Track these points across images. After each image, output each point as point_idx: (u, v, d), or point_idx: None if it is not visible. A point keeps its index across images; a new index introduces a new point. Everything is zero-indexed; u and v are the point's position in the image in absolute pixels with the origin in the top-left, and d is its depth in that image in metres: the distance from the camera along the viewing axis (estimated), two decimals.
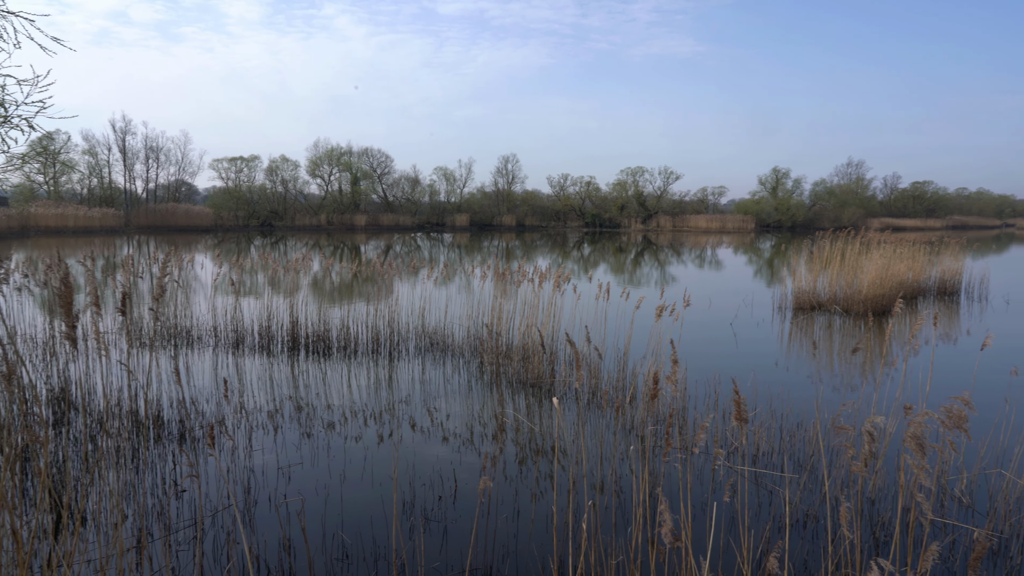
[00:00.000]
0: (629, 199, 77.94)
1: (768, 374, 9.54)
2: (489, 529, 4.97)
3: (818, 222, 71.98)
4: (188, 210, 62.46)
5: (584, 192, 79.28)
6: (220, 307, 12.49)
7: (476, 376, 9.37)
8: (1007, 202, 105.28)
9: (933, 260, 19.45)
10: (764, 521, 5.12)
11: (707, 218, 75.29)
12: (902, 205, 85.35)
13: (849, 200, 79.20)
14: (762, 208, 78.02)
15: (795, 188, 79.64)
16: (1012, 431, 6.53)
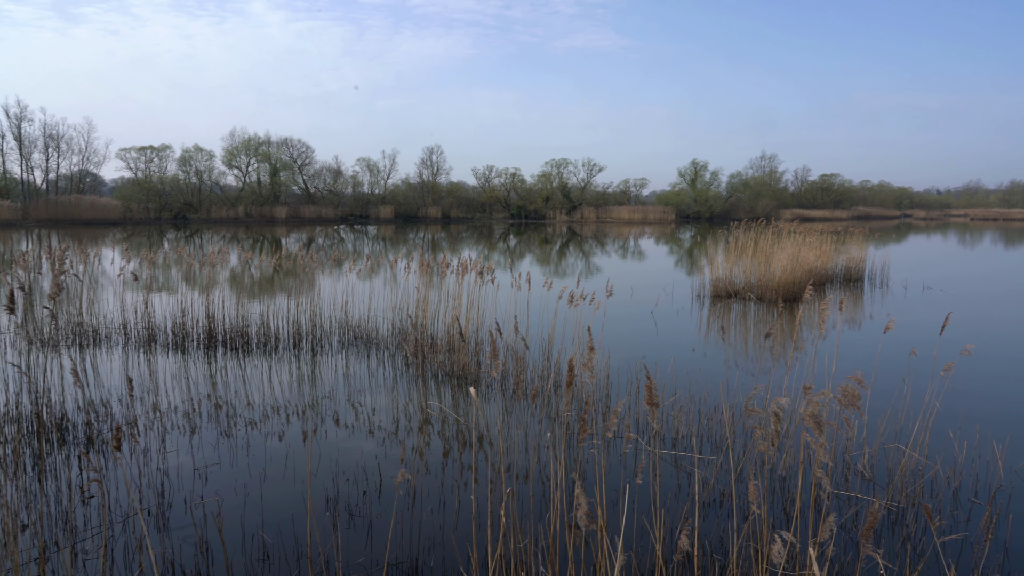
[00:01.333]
0: (554, 191, 78.70)
1: (687, 360, 9.85)
2: (414, 522, 4.95)
3: (734, 213, 74.70)
4: (94, 202, 59.09)
5: (509, 184, 79.53)
6: (130, 304, 11.92)
7: (401, 369, 9.30)
8: (905, 194, 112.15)
9: (839, 249, 20.50)
10: (684, 501, 5.30)
11: (629, 209, 76.90)
12: (812, 197, 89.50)
13: (763, 192, 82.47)
14: (682, 199, 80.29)
15: (713, 180, 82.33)
16: (909, 409, 6.97)
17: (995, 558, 4.58)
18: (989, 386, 8.88)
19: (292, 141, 72.73)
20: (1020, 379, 9.39)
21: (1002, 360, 10.43)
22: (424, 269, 10.89)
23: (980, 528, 4.97)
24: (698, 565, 4.40)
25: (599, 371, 8.72)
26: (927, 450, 6.22)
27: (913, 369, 8.81)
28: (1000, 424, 7.17)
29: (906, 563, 4.46)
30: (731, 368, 9.49)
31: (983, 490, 5.62)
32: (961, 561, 4.54)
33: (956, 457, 6.16)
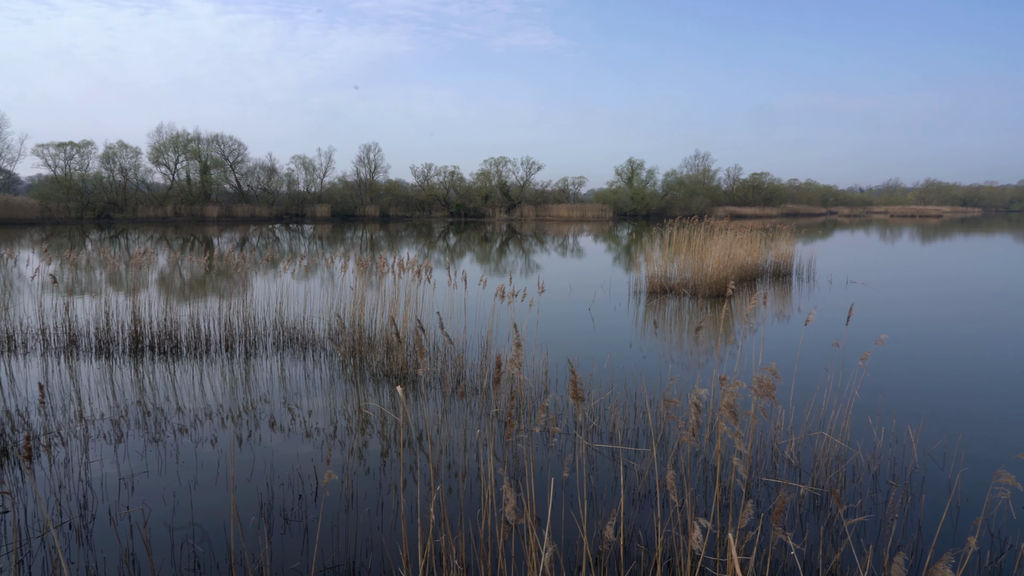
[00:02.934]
0: (493, 189, 78.77)
1: (624, 355, 10.02)
2: (350, 524, 4.90)
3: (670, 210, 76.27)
4: (8, 201, 55.96)
5: (448, 182, 79.18)
6: (49, 308, 11.36)
7: (339, 370, 9.16)
8: (831, 192, 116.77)
9: (769, 245, 21.20)
10: (619, 494, 5.40)
11: (568, 207, 77.64)
12: (743, 195, 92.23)
13: (697, 190, 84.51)
14: (619, 197, 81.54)
15: (649, 178, 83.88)
16: (831, 397, 7.28)
17: (910, 535, 4.83)
18: (905, 373, 9.35)
19: (223, 138, 70.59)
20: (933, 366, 9.92)
21: (917, 348, 11.00)
22: (361, 268, 10.76)
23: (890, 508, 5.24)
24: (624, 555, 4.50)
25: (538, 368, 8.80)
26: (849, 436, 6.51)
27: (835, 360, 9.19)
28: (915, 409, 7.57)
29: (828, 544, 4.66)
30: (666, 362, 9.71)
31: (900, 472, 5.93)
32: (879, 540, 4.77)
33: (875, 442, 6.47)
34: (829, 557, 4.49)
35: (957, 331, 12.95)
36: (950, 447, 6.43)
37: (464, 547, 4.27)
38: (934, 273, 25.22)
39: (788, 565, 4.41)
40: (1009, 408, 7.93)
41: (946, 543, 4.71)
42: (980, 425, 7.24)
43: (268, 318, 11.18)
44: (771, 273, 20.62)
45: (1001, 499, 5.24)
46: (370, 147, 77.41)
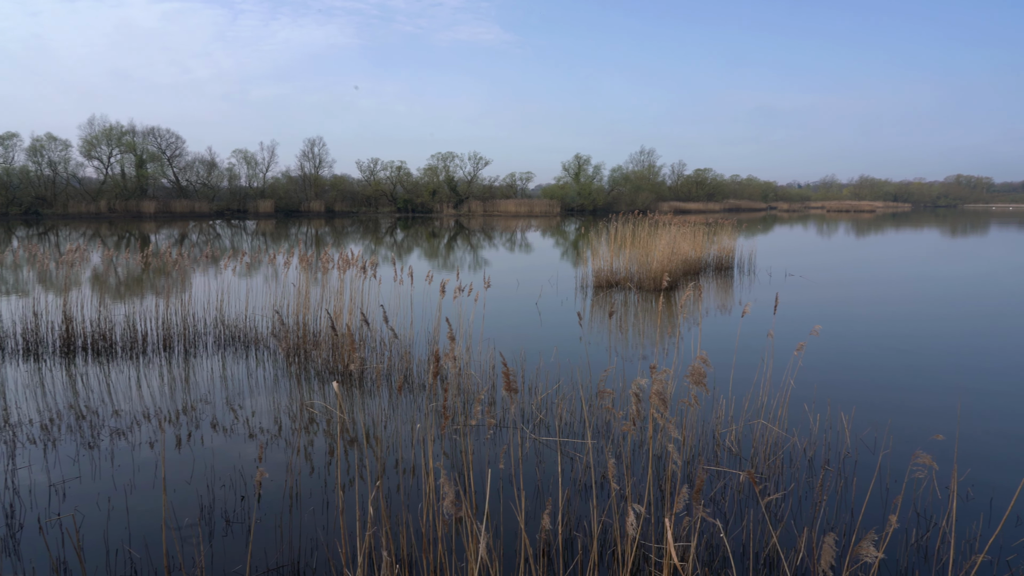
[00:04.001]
0: (440, 184, 78.34)
1: (571, 348, 10.11)
2: (294, 524, 4.82)
3: (616, 205, 77.23)
4: None
5: (395, 177, 78.39)
6: None
7: (283, 368, 8.99)
8: (771, 188, 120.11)
9: (712, 239, 21.69)
10: (565, 486, 5.46)
11: (516, 203, 77.83)
12: (687, 190, 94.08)
13: (643, 185, 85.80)
14: (566, 193, 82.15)
15: (595, 174, 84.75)
16: (769, 386, 7.50)
17: (844, 517, 5.02)
18: (839, 363, 9.71)
19: (160, 131, 68.32)
20: (865, 354, 10.32)
21: (850, 338, 11.43)
22: (305, 264, 10.57)
23: (820, 491, 5.44)
24: (568, 544, 4.56)
25: (485, 362, 8.81)
26: (786, 424, 6.73)
27: (773, 349, 9.47)
28: (848, 396, 7.86)
29: (767, 528, 4.82)
30: (613, 355, 9.85)
31: (834, 458, 6.15)
32: (814, 523, 4.95)
33: (811, 429, 6.71)
34: (767, 540, 4.63)
35: (888, 322, 13.50)
36: (880, 432, 6.71)
37: (404, 542, 4.26)
38: (867, 267, 26.22)
39: (730, 549, 4.54)
40: (933, 394, 8.31)
41: (875, 523, 4.91)
42: (907, 410, 7.57)
43: (208, 316, 10.88)
44: (714, 267, 21.10)
45: (919, 478, 5.50)
46: (314, 141, 76.11)
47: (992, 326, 12.99)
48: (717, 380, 8.11)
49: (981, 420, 7.17)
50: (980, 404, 7.74)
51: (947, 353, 10.57)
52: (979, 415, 7.31)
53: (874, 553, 2.27)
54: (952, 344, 11.24)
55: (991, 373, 9.31)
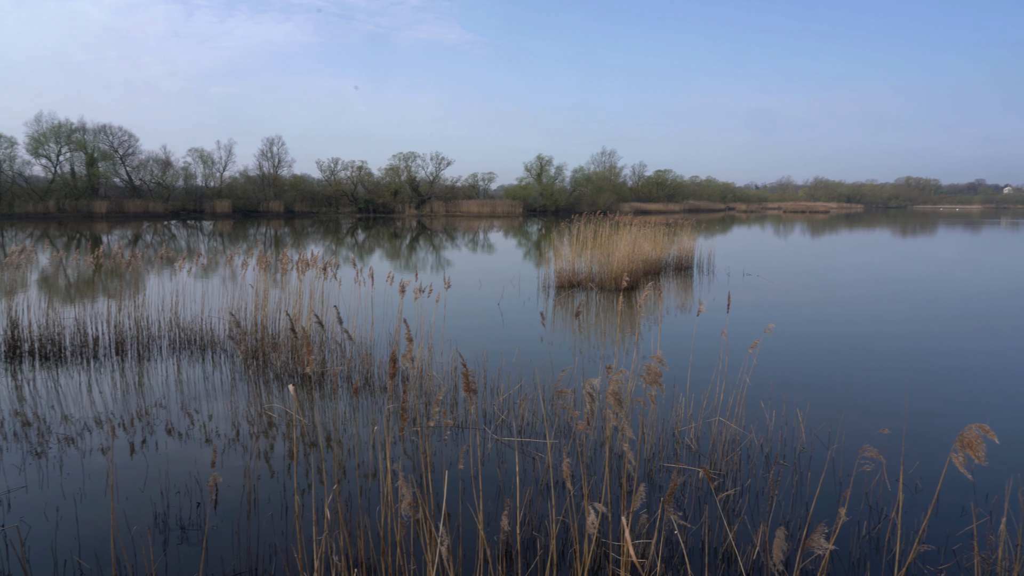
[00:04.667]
0: (402, 184, 77.81)
1: (533, 349, 10.13)
2: (252, 530, 4.74)
3: (578, 206, 77.65)
4: None
5: (356, 177, 77.58)
6: None
7: (241, 371, 8.83)
8: (729, 189, 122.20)
9: (672, 240, 21.97)
10: (525, 485, 5.47)
11: (478, 203, 77.73)
12: (648, 191, 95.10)
13: (604, 186, 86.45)
14: (529, 193, 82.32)
15: (557, 175, 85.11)
16: (726, 384, 7.63)
17: (799, 511, 5.14)
18: (795, 359, 9.93)
19: (112, 128, 66.48)
20: (819, 352, 10.57)
21: (805, 335, 11.70)
22: (263, 266, 10.39)
23: (771, 486, 5.56)
24: (531, 544, 4.57)
25: (446, 363, 8.78)
26: (744, 421, 6.85)
27: (727, 348, 9.64)
28: (803, 393, 8.04)
29: (725, 523, 4.90)
30: (575, 354, 9.90)
31: (790, 453, 6.29)
32: (771, 517, 5.05)
33: (767, 425, 6.84)
34: (726, 535, 4.71)
35: (842, 320, 13.85)
36: (833, 428, 6.88)
37: (363, 545, 4.22)
38: (822, 266, 26.87)
39: (688, 545, 4.60)
40: (885, 390, 8.55)
41: (829, 516, 5.03)
42: (859, 406, 7.78)
43: (163, 319, 10.63)
44: (674, 267, 21.37)
45: (870, 472, 5.66)
46: (273, 140, 74.88)
47: (941, 324, 13.43)
48: (676, 379, 8.22)
49: (930, 416, 7.40)
50: (930, 400, 8.00)
51: (898, 350, 10.88)
52: (930, 411, 7.55)
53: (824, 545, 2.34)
54: (903, 342, 11.58)
55: (940, 370, 9.62)
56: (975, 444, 2.40)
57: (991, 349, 10.93)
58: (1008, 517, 4.78)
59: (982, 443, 2.43)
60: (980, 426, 2.44)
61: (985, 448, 2.45)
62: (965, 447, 2.42)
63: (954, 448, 2.49)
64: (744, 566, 4.37)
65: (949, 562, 4.43)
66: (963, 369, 9.65)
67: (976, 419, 6.95)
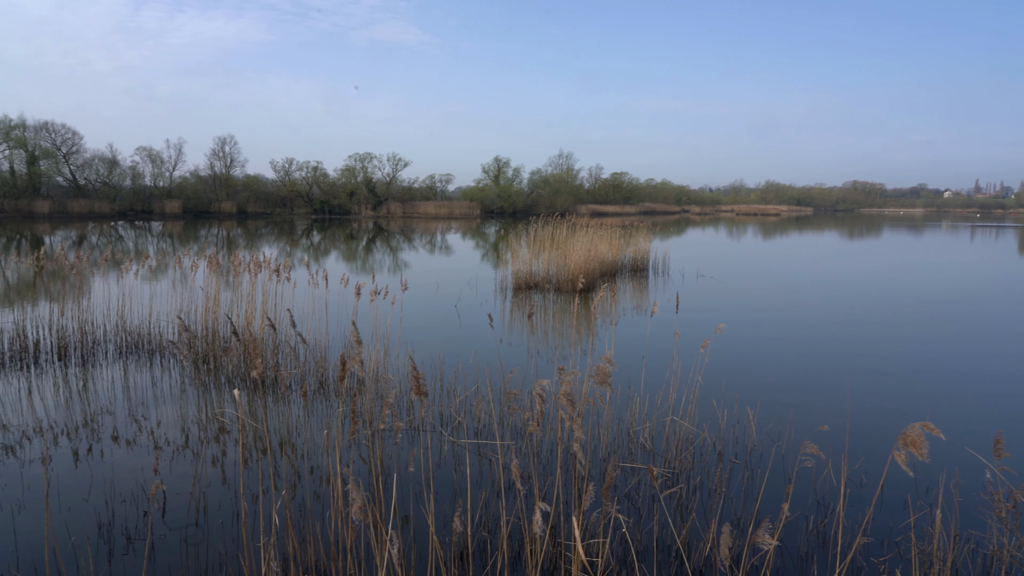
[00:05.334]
0: (358, 185, 76.99)
1: (491, 350, 10.13)
2: (201, 538, 4.63)
3: (536, 208, 77.93)
4: None
5: (311, 178, 76.46)
6: None
7: (190, 376, 8.62)
8: (684, 192, 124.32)
9: (628, 242, 22.22)
10: (483, 487, 5.47)
11: (436, 204, 77.41)
12: (605, 193, 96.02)
13: (561, 188, 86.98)
14: (486, 195, 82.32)
15: (515, 176, 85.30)
16: (679, 384, 7.76)
17: (749, 508, 5.25)
18: (746, 359, 10.15)
19: (54, 126, 64.25)
20: (770, 351, 10.82)
21: (756, 335, 11.96)
22: (214, 268, 10.16)
23: (718, 482, 5.67)
24: (485, 545, 4.58)
25: (402, 366, 8.72)
26: (697, 420, 6.97)
27: (683, 349, 9.81)
28: (754, 392, 8.22)
29: (679, 520, 4.98)
30: (532, 356, 9.94)
31: (741, 451, 6.42)
32: (717, 514, 5.15)
33: (720, 424, 6.97)
34: (679, 532, 4.79)
35: (792, 320, 14.20)
36: (783, 425, 7.05)
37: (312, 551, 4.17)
38: (773, 267, 27.52)
39: (643, 543, 4.66)
40: (833, 388, 8.79)
41: (777, 513, 5.15)
42: (808, 404, 7.99)
43: (109, 323, 10.31)
44: (630, 268, 21.62)
45: (816, 468, 5.83)
46: (225, 139, 73.33)
47: (888, 326, 13.89)
48: (631, 379, 8.32)
49: (876, 414, 7.64)
50: (877, 398, 8.26)
51: (847, 350, 11.20)
52: (876, 409, 7.80)
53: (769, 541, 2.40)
54: (851, 344, 11.92)
55: (887, 369, 9.94)
56: (918, 442, 2.49)
57: (935, 350, 11.35)
58: (943, 510, 4.97)
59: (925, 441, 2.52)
60: (924, 424, 2.54)
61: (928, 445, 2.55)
62: (908, 444, 2.51)
63: (896, 446, 2.58)
64: (697, 563, 4.45)
65: (891, 553, 4.58)
66: (908, 368, 9.99)
67: (919, 417, 7.20)
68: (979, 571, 4.38)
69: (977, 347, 11.55)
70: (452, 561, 4.22)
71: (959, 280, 22.86)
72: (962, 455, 6.09)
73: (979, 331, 13.12)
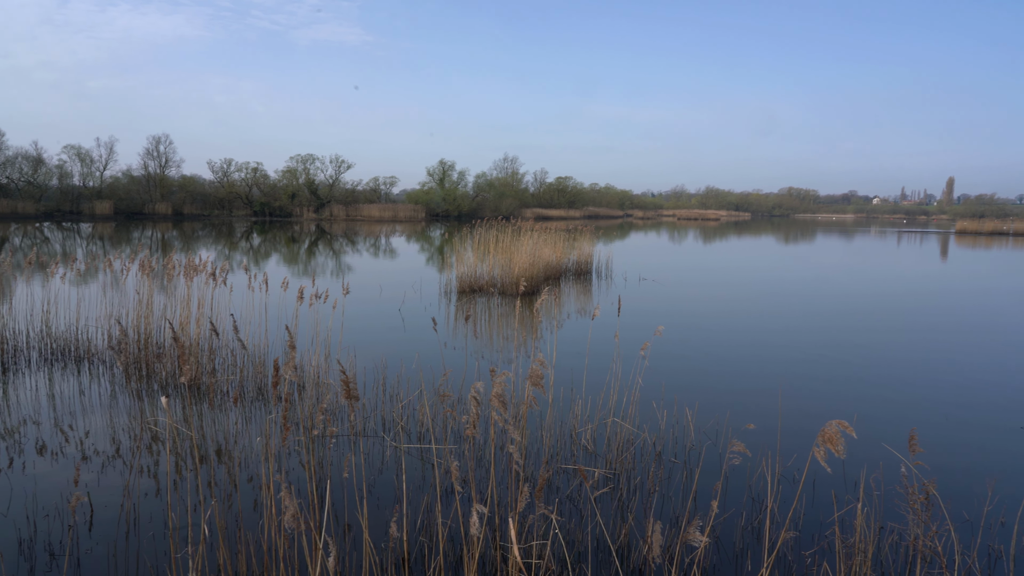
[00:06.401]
0: (300, 187, 75.56)
1: (435, 354, 10.09)
2: (131, 551, 4.47)
3: (481, 211, 77.94)
4: None
5: (251, 179, 74.64)
6: None
7: (122, 383, 8.31)
8: (627, 196, 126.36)
9: (572, 245, 22.45)
10: (425, 491, 5.45)
11: (380, 207, 76.61)
12: (549, 197, 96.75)
13: (506, 192, 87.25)
14: (431, 198, 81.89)
15: (460, 180, 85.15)
16: (620, 385, 7.88)
17: (689, 506, 5.37)
18: (685, 361, 10.38)
19: None
20: (708, 353, 11.10)
21: (696, 337, 12.26)
22: (147, 271, 9.83)
23: (654, 482, 5.80)
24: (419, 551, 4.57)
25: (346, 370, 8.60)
26: (637, 421, 7.10)
27: (625, 351, 9.97)
28: (692, 393, 8.43)
29: (619, 520, 5.06)
30: (476, 359, 9.94)
31: (680, 450, 6.57)
32: (663, 514, 5.25)
33: (659, 424, 7.12)
34: (618, 532, 4.87)
35: (730, 322, 14.59)
36: (720, 425, 7.25)
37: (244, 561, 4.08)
38: (713, 271, 28.22)
39: (584, 544, 4.72)
40: (766, 388, 9.07)
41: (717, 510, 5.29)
42: (745, 403, 8.23)
43: (32, 329, 9.85)
44: (574, 272, 21.85)
45: (736, 464, 6.01)
46: (160, 138, 70.96)
47: (819, 327, 14.41)
48: (574, 381, 8.41)
49: (803, 415, 7.93)
50: (807, 398, 8.57)
51: (781, 355, 11.58)
52: (802, 409, 8.09)
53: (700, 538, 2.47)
54: (784, 350, 12.33)
55: (815, 372, 10.32)
56: (835, 439, 2.61)
57: (862, 352, 11.84)
58: (867, 504, 5.19)
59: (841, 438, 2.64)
60: (840, 422, 2.66)
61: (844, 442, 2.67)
62: (826, 442, 2.63)
63: (816, 443, 2.70)
64: (636, 562, 4.53)
65: (818, 546, 4.76)
66: (836, 371, 10.39)
67: (846, 416, 7.50)
68: (900, 561, 4.60)
69: (900, 349, 12.11)
70: (389, 567, 4.19)
71: (886, 285, 23.91)
72: (884, 452, 6.38)
73: (902, 334, 13.76)
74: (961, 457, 6.65)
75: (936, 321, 15.36)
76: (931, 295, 20.80)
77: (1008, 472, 6.20)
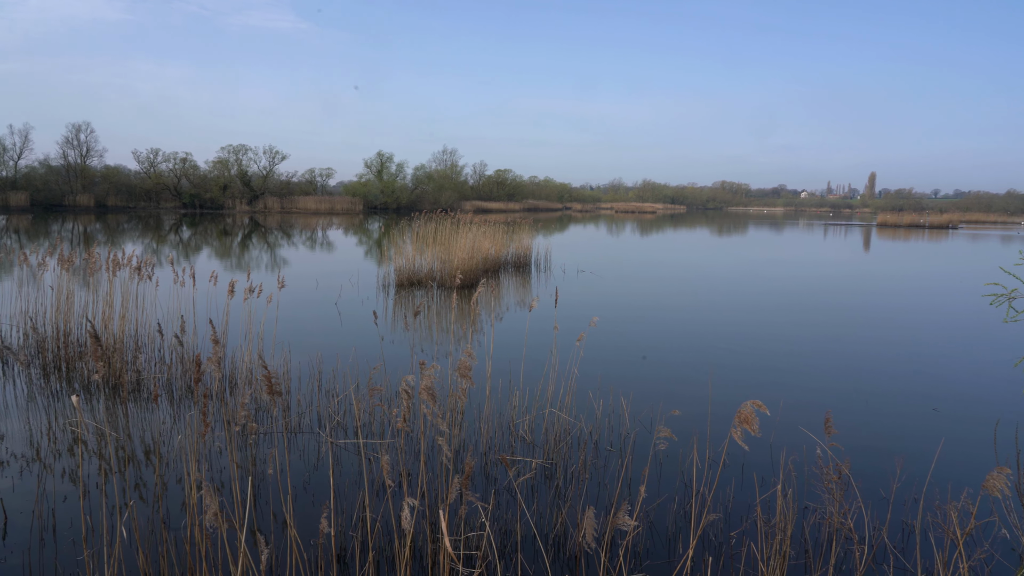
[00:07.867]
0: (232, 179, 73.31)
1: (372, 348, 9.99)
2: (47, 559, 4.28)
3: (420, 204, 77.33)
4: None
5: (180, 170, 71.99)
6: None
7: (40, 384, 7.93)
8: (566, 189, 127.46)
9: (511, 238, 22.52)
10: (361, 487, 5.40)
11: (316, 199, 75.11)
12: (489, 190, 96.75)
13: (446, 184, 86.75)
14: (369, 190, 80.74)
15: (399, 172, 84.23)
16: (557, 376, 7.97)
17: (624, 493, 5.49)
18: (620, 351, 10.58)
19: None
20: (642, 343, 11.34)
21: (632, 328, 12.50)
22: (67, 265, 9.38)
23: (582, 470, 5.92)
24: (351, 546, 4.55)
25: (279, 366, 8.44)
26: (574, 411, 7.20)
27: (562, 342, 10.09)
28: (627, 383, 8.60)
29: (556, 509, 5.14)
30: (416, 352, 9.89)
31: (616, 439, 6.70)
32: (598, 501, 5.36)
33: (596, 414, 7.24)
34: (555, 521, 4.94)
35: (664, 313, 14.94)
36: (655, 413, 7.43)
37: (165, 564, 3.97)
38: (649, 263, 28.79)
39: (522, 533, 4.77)
40: (696, 376, 9.34)
41: (648, 496, 5.43)
42: (679, 392, 8.45)
43: None
44: (513, 264, 21.93)
45: (661, 449, 6.19)
46: (80, 127, 67.64)
47: (749, 317, 14.89)
48: (512, 372, 8.46)
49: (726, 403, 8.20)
50: (738, 386, 8.86)
51: (712, 342, 11.93)
52: (737, 396, 8.36)
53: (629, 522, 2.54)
54: (716, 334, 12.70)
55: (745, 363, 10.67)
56: (750, 419, 2.72)
57: (789, 339, 12.31)
58: (786, 485, 5.41)
59: (756, 417, 2.76)
60: (754, 402, 2.77)
61: (758, 421, 2.78)
62: (743, 422, 2.74)
63: (733, 423, 2.81)
64: (572, 549, 4.61)
65: (743, 526, 4.95)
66: (764, 358, 10.78)
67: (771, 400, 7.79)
68: (820, 539, 4.82)
69: (823, 340, 12.64)
70: (319, 564, 4.15)
71: (812, 277, 24.88)
72: (806, 436, 6.66)
73: (827, 324, 14.36)
74: (876, 439, 7.01)
75: (858, 311, 16.08)
76: (855, 286, 21.76)
77: (919, 452, 6.57)
